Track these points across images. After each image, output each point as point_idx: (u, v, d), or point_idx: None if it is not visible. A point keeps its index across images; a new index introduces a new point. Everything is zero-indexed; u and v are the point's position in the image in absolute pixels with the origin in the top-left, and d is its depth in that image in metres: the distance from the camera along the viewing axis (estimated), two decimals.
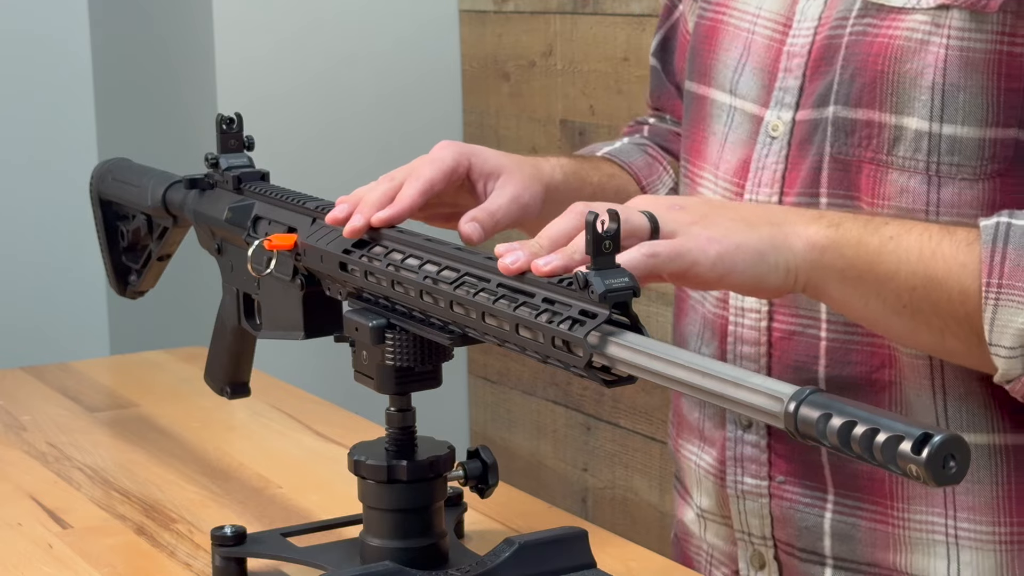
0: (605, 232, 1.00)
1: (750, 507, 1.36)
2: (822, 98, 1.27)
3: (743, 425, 1.35)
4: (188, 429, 1.75)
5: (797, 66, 1.31)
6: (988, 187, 1.22)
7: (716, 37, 1.39)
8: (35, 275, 3.14)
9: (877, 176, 1.24)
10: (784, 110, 1.31)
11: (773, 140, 1.31)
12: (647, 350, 0.97)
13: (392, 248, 1.19)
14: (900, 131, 1.23)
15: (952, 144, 1.21)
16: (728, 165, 1.36)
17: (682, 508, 1.48)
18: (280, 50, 2.76)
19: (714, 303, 1.37)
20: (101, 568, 1.36)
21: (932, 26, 1.21)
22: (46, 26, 3.10)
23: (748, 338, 1.33)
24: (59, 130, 3.13)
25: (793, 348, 1.31)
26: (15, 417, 1.81)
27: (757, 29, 1.35)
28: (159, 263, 1.60)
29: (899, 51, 1.22)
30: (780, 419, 0.88)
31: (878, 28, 1.24)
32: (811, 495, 1.32)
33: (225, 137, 1.44)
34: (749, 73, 1.35)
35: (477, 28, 2.85)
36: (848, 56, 1.25)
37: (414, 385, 1.22)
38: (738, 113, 1.36)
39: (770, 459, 1.34)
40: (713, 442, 1.39)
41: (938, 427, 0.83)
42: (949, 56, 1.20)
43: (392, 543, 1.23)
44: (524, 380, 2.86)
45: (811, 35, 1.30)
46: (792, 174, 1.30)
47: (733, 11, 1.38)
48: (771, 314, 1.32)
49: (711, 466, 1.39)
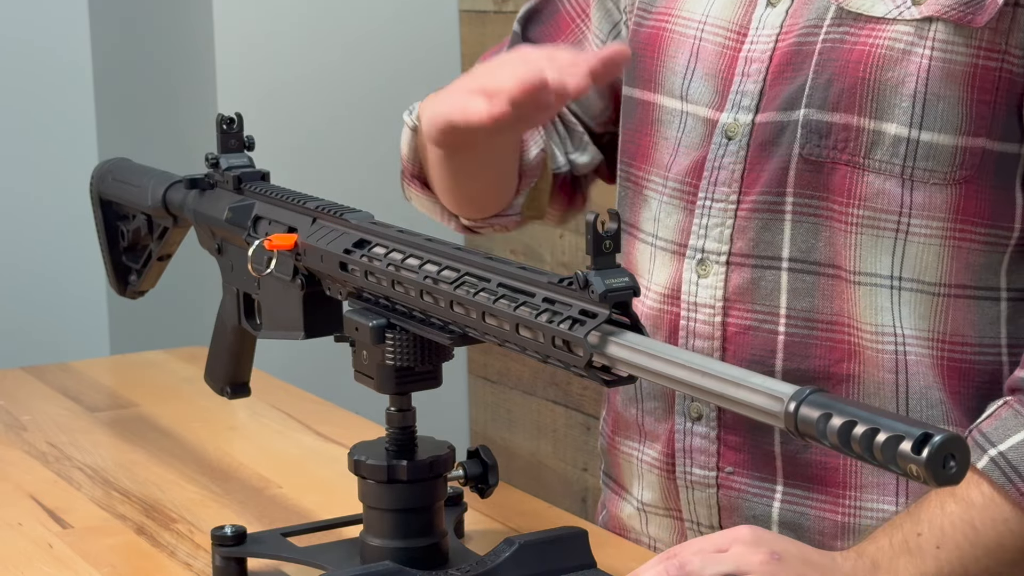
0: (605, 232, 1.00)
1: (698, 496, 1.38)
2: (790, 101, 1.31)
3: (692, 417, 1.38)
4: (188, 429, 1.75)
5: (757, 71, 1.34)
6: (955, 192, 1.28)
7: (659, 44, 1.42)
8: (35, 275, 3.14)
9: (852, 178, 1.29)
10: (742, 113, 1.34)
11: (729, 141, 1.34)
12: (647, 350, 0.97)
13: (392, 248, 1.19)
14: (879, 136, 1.27)
15: (928, 150, 1.26)
16: (680, 167, 1.38)
17: (616, 504, 1.50)
18: (280, 50, 2.76)
19: (657, 299, 1.39)
20: (101, 568, 1.36)
21: (916, 36, 1.26)
22: (46, 27, 3.10)
23: (701, 332, 1.36)
24: (59, 130, 3.12)
25: (749, 343, 1.33)
26: (15, 417, 1.81)
27: (705, 36, 1.38)
28: (159, 263, 1.60)
29: (881, 59, 1.27)
30: (780, 419, 0.88)
31: (856, 36, 1.28)
32: (760, 485, 1.36)
33: (225, 137, 1.44)
34: (700, 79, 1.38)
35: (477, 28, 2.85)
36: (823, 62, 1.29)
37: (414, 385, 1.23)
38: (690, 118, 1.39)
39: (719, 450, 1.37)
40: (657, 436, 1.42)
41: (938, 427, 0.84)
42: (932, 66, 1.25)
43: (392, 543, 1.23)
44: (524, 380, 2.86)
45: (772, 42, 1.33)
46: (752, 175, 1.33)
47: (677, 19, 1.41)
48: (725, 310, 1.35)
49: (655, 459, 1.42)
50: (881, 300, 1.29)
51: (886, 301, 1.29)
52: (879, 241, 1.29)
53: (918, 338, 1.30)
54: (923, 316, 1.30)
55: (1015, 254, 1.31)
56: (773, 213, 1.32)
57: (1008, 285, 1.31)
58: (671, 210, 1.39)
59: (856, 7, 1.28)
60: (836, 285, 1.31)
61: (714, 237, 1.35)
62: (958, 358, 1.31)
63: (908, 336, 1.30)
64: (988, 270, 1.30)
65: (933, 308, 1.30)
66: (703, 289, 1.35)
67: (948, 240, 1.29)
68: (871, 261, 1.29)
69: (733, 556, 1.16)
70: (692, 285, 1.36)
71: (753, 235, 1.33)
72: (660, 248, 1.40)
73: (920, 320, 1.30)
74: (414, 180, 1.52)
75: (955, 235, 1.29)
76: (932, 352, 1.30)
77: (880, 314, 1.29)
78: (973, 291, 1.30)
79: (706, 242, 1.35)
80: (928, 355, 1.30)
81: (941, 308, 1.30)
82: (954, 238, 1.29)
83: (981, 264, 1.30)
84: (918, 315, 1.30)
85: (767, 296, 1.33)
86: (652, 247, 1.41)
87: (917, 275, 1.29)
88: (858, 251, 1.29)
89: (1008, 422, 1.23)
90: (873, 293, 1.29)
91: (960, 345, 1.31)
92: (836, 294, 1.31)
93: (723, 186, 1.34)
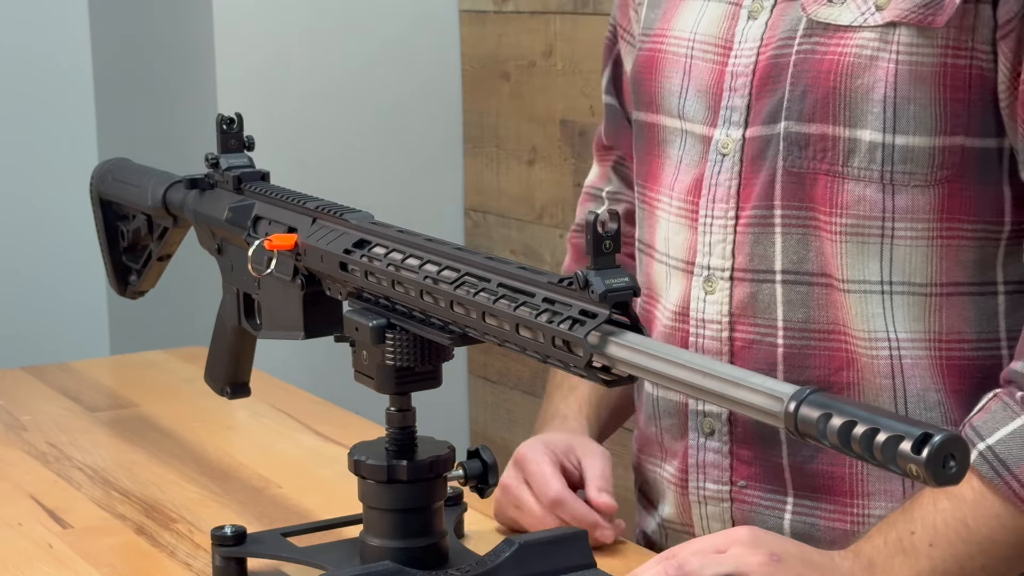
0: (605, 232, 1.00)
1: (712, 511, 1.39)
2: (772, 115, 1.32)
3: (705, 432, 1.39)
4: (188, 429, 1.75)
5: (742, 85, 1.35)
6: (938, 192, 1.28)
7: (656, 66, 1.43)
8: (35, 275, 3.14)
9: (833, 187, 1.29)
10: (733, 128, 1.35)
11: (724, 157, 1.36)
12: (647, 350, 0.97)
13: (392, 248, 1.19)
14: (854, 143, 1.28)
15: (905, 153, 1.27)
16: (682, 185, 1.40)
17: (645, 520, 1.52)
18: (280, 50, 2.76)
19: (670, 316, 1.40)
20: (101, 568, 1.36)
21: (881, 42, 1.27)
22: (46, 27, 3.09)
23: (710, 348, 1.37)
24: (59, 130, 3.12)
25: (753, 356, 1.34)
26: (15, 417, 1.81)
27: (695, 53, 1.40)
28: (159, 263, 1.60)
29: (849, 67, 1.27)
30: (780, 419, 0.88)
31: (826, 46, 1.29)
32: (772, 498, 1.36)
33: (225, 137, 1.44)
34: (693, 96, 1.39)
35: (477, 28, 2.85)
36: (797, 74, 1.30)
37: (414, 385, 1.22)
38: (689, 136, 1.40)
39: (732, 464, 1.38)
40: (675, 453, 1.43)
41: (938, 427, 0.84)
42: (899, 70, 1.26)
43: (392, 543, 1.23)
44: (524, 380, 2.86)
45: (754, 55, 1.34)
46: (747, 189, 1.34)
47: (669, 39, 1.43)
48: (732, 324, 1.35)
49: (672, 476, 1.43)
50: (872, 307, 1.30)
51: (877, 307, 1.30)
52: (865, 248, 1.29)
53: (913, 340, 1.30)
54: (917, 318, 1.30)
55: (1010, 247, 1.31)
56: (764, 227, 1.33)
57: (1005, 278, 1.32)
58: (678, 228, 1.40)
59: (824, 17, 1.29)
60: (829, 295, 1.31)
61: (717, 254, 1.36)
62: (956, 356, 1.31)
63: (903, 340, 1.30)
64: (982, 265, 1.30)
65: (927, 309, 1.30)
66: (710, 305, 1.36)
67: (936, 240, 1.29)
68: (859, 268, 1.30)
69: (732, 557, 1.16)
70: (700, 302, 1.37)
71: (748, 250, 1.34)
72: (672, 267, 1.41)
73: (914, 322, 1.30)
74: None
75: (943, 234, 1.29)
76: (930, 353, 1.30)
77: (872, 320, 1.30)
78: (968, 287, 1.31)
79: (711, 259, 1.36)
80: (925, 356, 1.30)
81: (935, 308, 1.30)
82: (942, 237, 1.29)
83: (973, 260, 1.30)
84: (912, 317, 1.30)
85: (765, 309, 1.34)
86: (666, 266, 1.42)
87: (907, 278, 1.29)
88: (845, 259, 1.30)
89: (997, 415, 1.23)
90: (864, 300, 1.30)
91: (957, 343, 1.31)
92: (830, 304, 1.31)
93: (721, 202, 1.35)
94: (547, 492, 1.36)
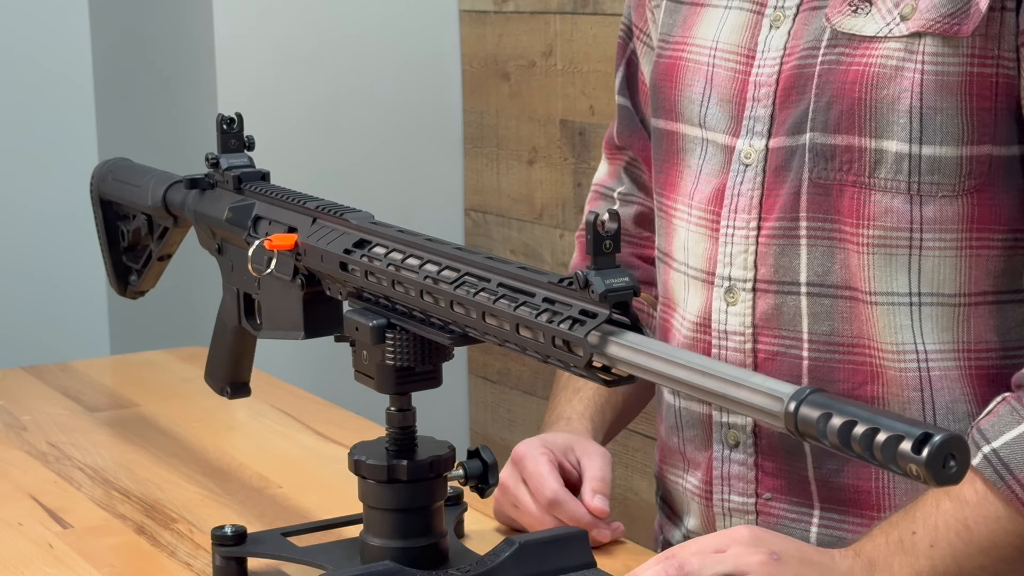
0: (605, 232, 1.00)
1: (736, 523, 1.38)
2: (797, 126, 1.31)
3: (730, 444, 1.38)
4: (188, 429, 1.75)
5: (766, 95, 1.34)
6: (967, 202, 1.27)
7: (677, 74, 1.43)
8: (35, 275, 3.14)
9: (860, 198, 1.29)
10: (756, 138, 1.34)
11: (746, 168, 1.35)
12: (647, 350, 0.97)
13: (392, 248, 1.19)
14: (881, 154, 1.27)
15: (932, 164, 1.26)
16: (702, 195, 1.39)
17: (670, 530, 1.52)
18: (280, 50, 2.76)
19: (691, 327, 1.40)
20: (101, 568, 1.36)
21: (906, 53, 1.26)
22: (46, 26, 3.10)
23: (733, 360, 1.36)
24: (59, 130, 3.12)
25: (777, 368, 1.34)
26: (15, 417, 1.81)
27: (717, 61, 1.39)
28: (159, 263, 1.60)
29: (875, 78, 1.27)
30: (780, 418, 0.88)
31: (851, 57, 1.28)
32: (797, 511, 1.36)
33: (225, 137, 1.44)
34: (715, 105, 1.38)
35: (477, 28, 2.85)
36: (822, 85, 1.29)
37: (414, 385, 1.22)
38: (710, 145, 1.39)
39: (757, 476, 1.37)
40: (698, 464, 1.42)
41: (938, 427, 0.83)
42: (925, 80, 1.25)
43: (392, 543, 1.23)
44: (524, 380, 2.86)
45: (777, 65, 1.34)
46: (769, 200, 1.33)
47: (691, 47, 1.42)
48: (755, 336, 1.35)
49: (696, 487, 1.42)
50: (900, 319, 1.29)
51: (905, 319, 1.29)
52: (893, 260, 1.28)
53: (942, 352, 1.29)
54: (946, 328, 1.29)
55: None
56: (789, 239, 1.32)
57: None
58: (698, 238, 1.39)
59: (848, 28, 1.29)
60: (854, 307, 1.30)
61: (739, 264, 1.35)
62: (985, 366, 1.30)
63: (931, 352, 1.29)
64: (1010, 274, 1.30)
65: (955, 319, 1.29)
66: (732, 317, 1.36)
67: (964, 250, 1.28)
68: (887, 280, 1.29)
69: (732, 556, 1.16)
70: (722, 313, 1.36)
71: (772, 261, 1.33)
72: (692, 277, 1.40)
73: (943, 333, 1.29)
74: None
75: (971, 244, 1.28)
76: (959, 363, 1.30)
77: (900, 333, 1.29)
78: (995, 296, 1.30)
79: (732, 269, 1.35)
80: (955, 367, 1.30)
81: (963, 318, 1.29)
82: (970, 247, 1.28)
83: (1002, 269, 1.29)
84: (941, 328, 1.29)
85: (790, 321, 1.33)
86: (685, 276, 1.42)
87: (936, 289, 1.29)
88: (872, 271, 1.29)
89: (1004, 418, 1.23)
90: (891, 312, 1.29)
91: (985, 352, 1.30)
92: (855, 316, 1.30)
93: (743, 213, 1.35)
94: (544, 492, 1.36)
